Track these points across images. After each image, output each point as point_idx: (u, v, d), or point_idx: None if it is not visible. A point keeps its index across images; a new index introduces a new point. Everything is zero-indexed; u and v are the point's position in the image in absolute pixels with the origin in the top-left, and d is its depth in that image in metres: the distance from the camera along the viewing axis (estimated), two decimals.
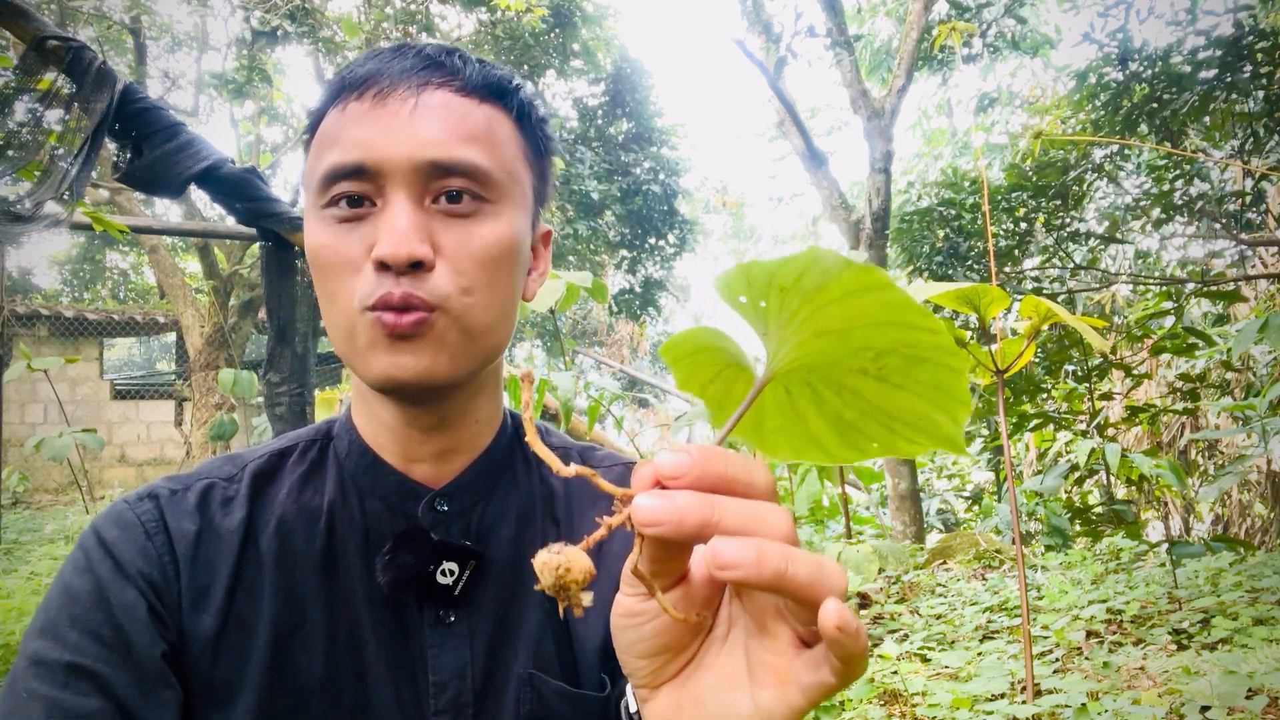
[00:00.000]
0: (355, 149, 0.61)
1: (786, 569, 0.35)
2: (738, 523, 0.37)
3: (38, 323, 10.13)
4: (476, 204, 0.62)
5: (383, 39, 8.54)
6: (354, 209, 0.61)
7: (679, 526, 0.36)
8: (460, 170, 0.61)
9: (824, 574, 0.36)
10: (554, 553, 0.36)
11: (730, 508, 0.37)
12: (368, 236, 0.61)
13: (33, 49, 2.31)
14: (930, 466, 8.71)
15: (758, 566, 0.35)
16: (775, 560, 0.35)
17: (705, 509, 0.36)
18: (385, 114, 0.61)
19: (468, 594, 0.66)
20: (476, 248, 0.62)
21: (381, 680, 0.64)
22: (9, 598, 3.71)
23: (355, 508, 0.68)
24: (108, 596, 0.59)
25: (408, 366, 0.60)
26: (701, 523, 0.36)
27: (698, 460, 0.37)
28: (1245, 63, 4.49)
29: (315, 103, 0.68)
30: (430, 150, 0.60)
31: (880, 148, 5.97)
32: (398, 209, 0.60)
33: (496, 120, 0.65)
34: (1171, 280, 5.52)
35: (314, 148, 0.65)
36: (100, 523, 0.64)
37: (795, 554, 0.36)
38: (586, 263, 10.61)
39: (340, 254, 0.61)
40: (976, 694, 2.40)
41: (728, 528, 0.36)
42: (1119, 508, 4.48)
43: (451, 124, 0.62)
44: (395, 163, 0.60)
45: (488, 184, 0.63)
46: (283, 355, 2.77)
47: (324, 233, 0.62)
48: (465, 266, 0.61)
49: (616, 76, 10.48)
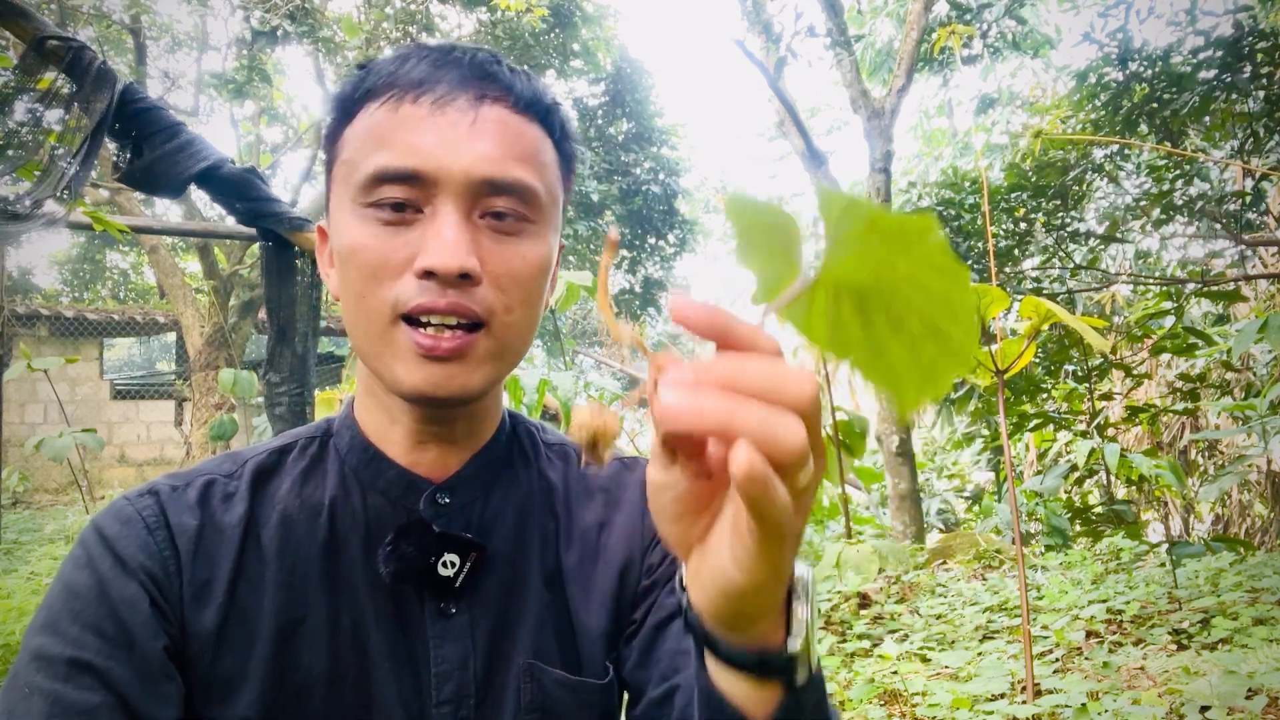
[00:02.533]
0: (411, 155, 0.60)
1: (733, 418, 0.35)
2: (758, 388, 0.36)
3: (38, 323, 10.13)
4: (521, 224, 0.63)
5: (383, 39, 8.54)
6: (398, 213, 0.61)
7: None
8: (513, 189, 0.62)
9: (772, 423, 0.35)
10: (594, 414, 0.40)
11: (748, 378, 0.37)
12: (412, 243, 0.61)
13: (33, 49, 2.31)
14: (930, 466, 8.71)
15: (697, 415, 0.35)
16: (718, 411, 0.35)
17: (725, 406, 0.36)
18: (444, 124, 0.61)
19: (469, 586, 0.67)
20: (519, 267, 0.63)
21: (384, 672, 0.65)
22: (9, 597, 3.71)
23: (357, 502, 0.69)
24: (109, 591, 0.60)
25: (442, 385, 0.61)
26: (722, 421, 0.36)
27: (706, 308, 0.37)
28: (1245, 63, 4.49)
29: (348, 84, 0.66)
30: (487, 167, 0.61)
31: (880, 148, 5.98)
32: (447, 220, 0.60)
33: (543, 141, 0.66)
34: (1171, 280, 5.52)
35: (356, 139, 0.64)
36: (101, 519, 0.64)
37: (740, 406, 0.36)
38: (586, 263, 10.61)
39: (380, 255, 0.61)
40: (976, 694, 2.40)
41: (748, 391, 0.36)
42: (1119, 508, 4.48)
43: (509, 143, 0.63)
44: (451, 174, 0.60)
45: (534, 205, 0.64)
46: (283, 355, 2.77)
47: (364, 232, 0.62)
48: (508, 285, 0.62)
49: (616, 76, 10.49)
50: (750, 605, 0.43)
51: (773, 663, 0.46)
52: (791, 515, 0.38)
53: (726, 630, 0.45)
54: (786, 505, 0.37)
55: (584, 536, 0.74)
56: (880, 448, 5.86)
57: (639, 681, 0.69)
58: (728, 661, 0.46)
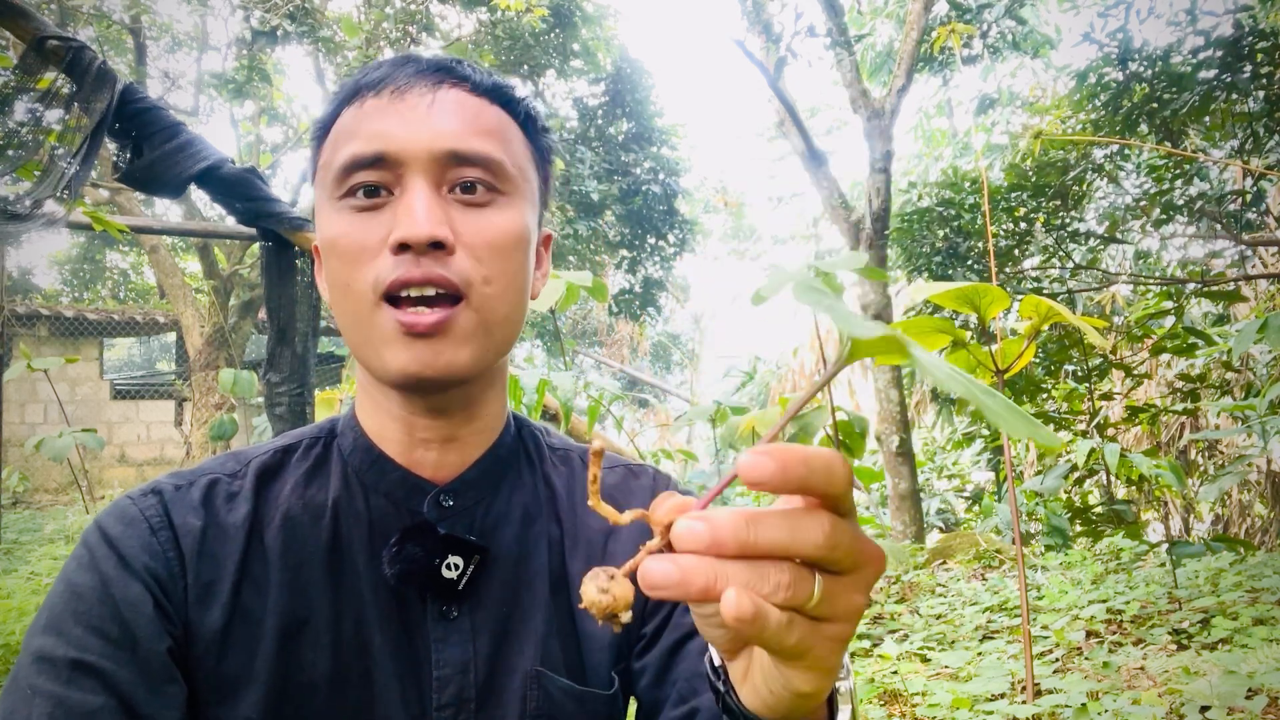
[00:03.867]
0: (375, 140, 0.62)
1: (715, 585, 0.36)
2: (770, 547, 0.36)
3: (38, 323, 10.13)
4: (490, 195, 0.64)
5: (383, 39, 8.54)
6: (370, 199, 0.63)
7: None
8: (477, 160, 0.63)
9: (758, 582, 0.36)
10: (602, 590, 0.39)
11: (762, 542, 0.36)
12: (386, 224, 0.62)
13: (33, 49, 2.31)
14: (930, 466, 8.71)
15: (683, 587, 0.36)
16: (701, 578, 0.36)
17: (708, 573, 0.36)
18: (404, 108, 0.63)
19: (471, 589, 0.67)
20: (492, 235, 0.64)
21: (386, 674, 0.65)
22: (9, 598, 3.71)
23: (360, 503, 0.68)
24: (112, 592, 0.59)
25: (429, 363, 0.61)
26: (705, 587, 0.36)
27: (780, 468, 0.36)
28: (1245, 63, 4.49)
29: (326, 107, 0.69)
30: (448, 140, 0.62)
31: (880, 148, 5.97)
32: (416, 193, 0.61)
33: (505, 121, 0.67)
34: (1171, 280, 5.52)
35: (329, 143, 0.66)
36: (104, 519, 0.64)
37: (726, 568, 0.36)
38: (586, 263, 10.60)
39: (357, 242, 0.62)
40: (976, 694, 2.40)
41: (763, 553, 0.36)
42: (1119, 508, 4.47)
43: (468, 118, 0.64)
44: (414, 152, 0.62)
45: (501, 175, 0.65)
46: (283, 355, 2.77)
47: (341, 222, 0.63)
48: (483, 254, 0.63)
49: (616, 76, 10.47)
50: (806, 703, 0.43)
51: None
52: (811, 636, 0.38)
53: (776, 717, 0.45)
54: (792, 634, 0.37)
55: (590, 543, 0.73)
56: (880, 448, 5.86)
57: (654, 699, 0.69)
58: None
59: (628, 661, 0.72)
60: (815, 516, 0.37)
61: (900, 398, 5.71)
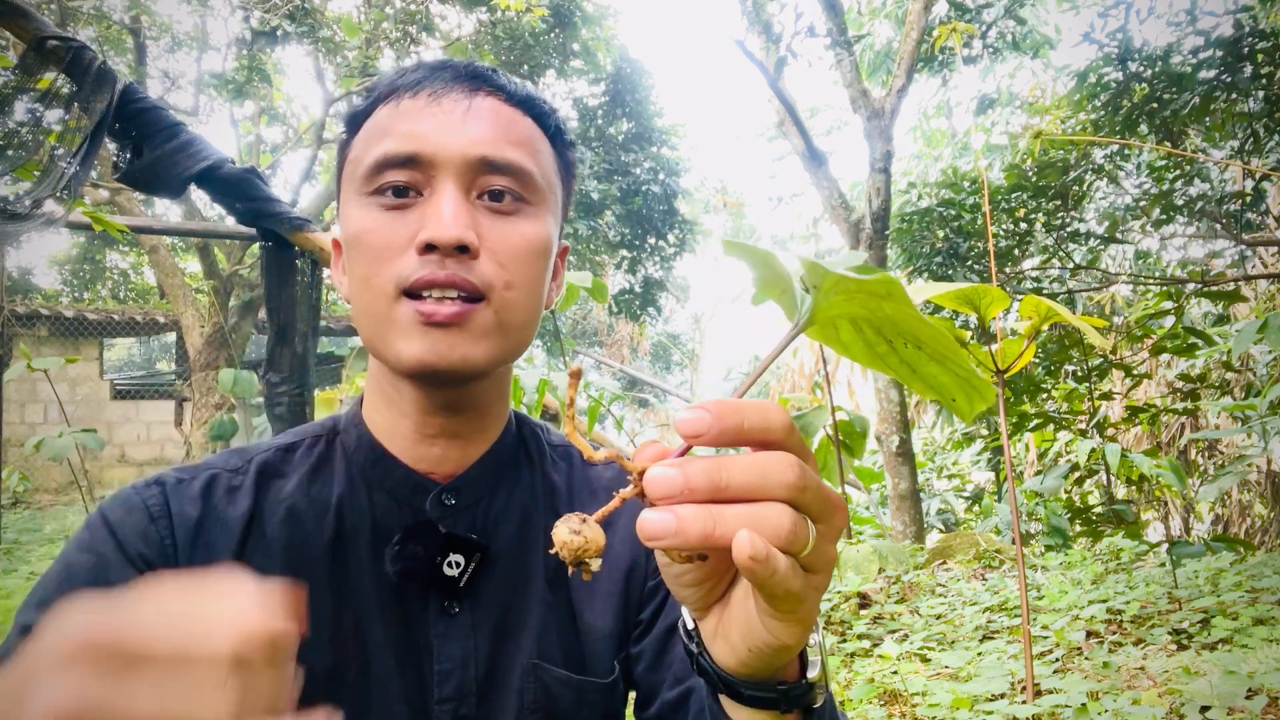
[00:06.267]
0: (409, 140, 0.63)
1: (714, 530, 0.37)
2: (743, 488, 0.38)
3: (38, 323, 10.12)
4: (518, 204, 0.65)
5: (382, 39, 8.54)
6: (400, 199, 0.64)
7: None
8: (507, 169, 0.64)
9: (757, 521, 0.37)
10: (573, 531, 0.40)
11: (734, 483, 0.38)
12: (413, 224, 0.63)
13: (33, 49, 2.31)
14: (930, 466, 8.71)
15: (681, 535, 0.37)
16: (699, 524, 0.37)
17: (706, 519, 0.37)
18: (440, 111, 0.64)
19: (472, 586, 0.68)
20: (517, 243, 0.65)
21: (386, 669, 0.66)
22: (9, 597, 3.71)
23: (364, 501, 0.69)
24: (107, 574, 0.61)
25: (444, 354, 0.62)
26: (704, 533, 0.37)
27: (716, 417, 0.38)
28: (1245, 63, 4.49)
29: (361, 103, 0.70)
30: (481, 147, 0.63)
31: (880, 148, 5.97)
32: (446, 197, 0.62)
33: (536, 133, 0.69)
34: (1171, 280, 5.52)
35: (361, 139, 0.67)
36: (107, 505, 0.65)
37: (723, 513, 0.37)
38: (586, 263, 10.61)
39: (383, 238, 0.63)
40: (976, 694, 2.40)
41: (735, 495, 0.38)
42: (1119, 508, 4.48)
43: (501, 127, 0.65)
44: (447, 155, 0.63)
45: (529, 185, 0.66)
46: (283, 355, 2.77)
47: (368, 218, 0.64)
48: (506, 260, 0.64)
49: (616, 76, 10.47)
50: (782, 656, 0.44)
51: (792, 694, 0.47)
52: (804, 585, 0.39)
53: (749, 675, 0.46)
54: (794, 580, 0.38)
55: None
56: (880, 448, 5.86)
57: (652, 684, 0.70)
58: (751, 704, 0.47)
59: (628, 649, 0.73)
60: (784, 458, 0.39)
61: (900, 398, 5.71)
